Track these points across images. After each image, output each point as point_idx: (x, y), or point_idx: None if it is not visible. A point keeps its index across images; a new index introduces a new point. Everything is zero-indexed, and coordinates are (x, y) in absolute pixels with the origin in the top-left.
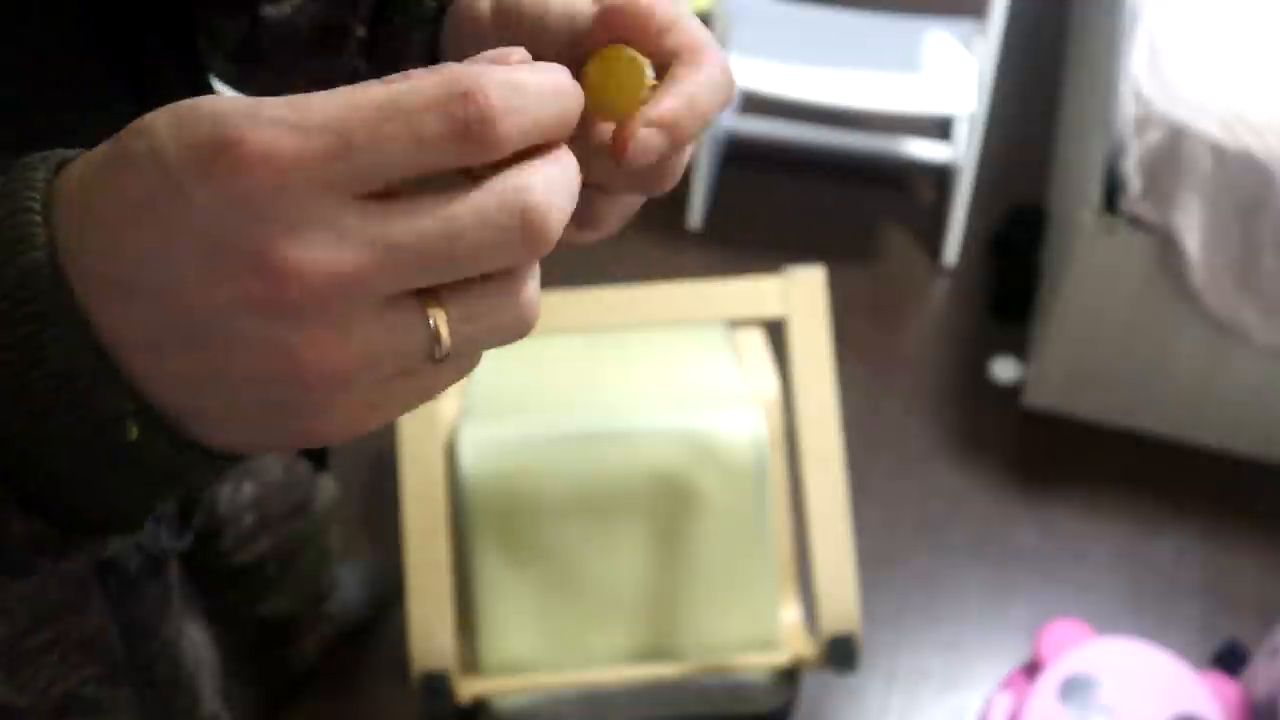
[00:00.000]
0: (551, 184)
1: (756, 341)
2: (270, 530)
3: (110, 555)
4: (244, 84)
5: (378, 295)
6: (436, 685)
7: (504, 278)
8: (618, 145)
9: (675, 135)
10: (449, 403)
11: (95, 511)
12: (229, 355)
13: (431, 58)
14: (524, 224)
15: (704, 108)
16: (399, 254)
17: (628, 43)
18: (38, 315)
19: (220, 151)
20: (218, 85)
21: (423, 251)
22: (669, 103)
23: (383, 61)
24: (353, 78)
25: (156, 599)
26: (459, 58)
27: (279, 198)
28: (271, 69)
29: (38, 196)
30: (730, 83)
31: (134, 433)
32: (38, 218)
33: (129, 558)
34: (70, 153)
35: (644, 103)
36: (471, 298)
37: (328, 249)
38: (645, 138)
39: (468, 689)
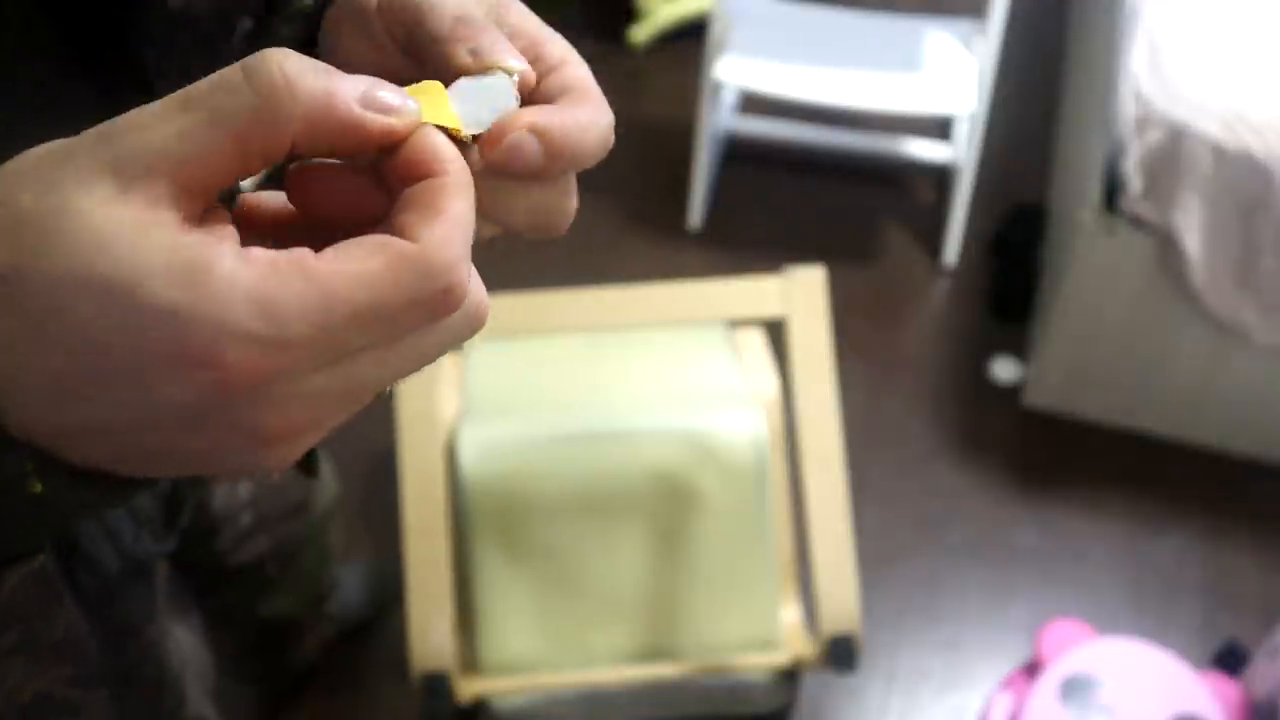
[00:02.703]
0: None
1: (756, 341)
2: (268, 530)
3: (83, 558)
4: (166, 74)
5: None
6: (436, 685)
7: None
8: (488, 143)
9: (548, 145)
10: (449, 403)
11: None
12: (184, 461)
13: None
14: (477, 328)
15: (582, 137)
16: (372, 387)
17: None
18: None
19: (198, 369)
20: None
21: (396, 378)
22: (550, 116)
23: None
24: None
25: (140, 601)
26: (339, 38)
27: (259, 392)
28: (180, 58)
29: None
30: (609, 135)
31: (38, 487)
32: None
33: (107, 561)
34: None
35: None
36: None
37: (304, 409)
38: (519, 140)
39: (468, 689)
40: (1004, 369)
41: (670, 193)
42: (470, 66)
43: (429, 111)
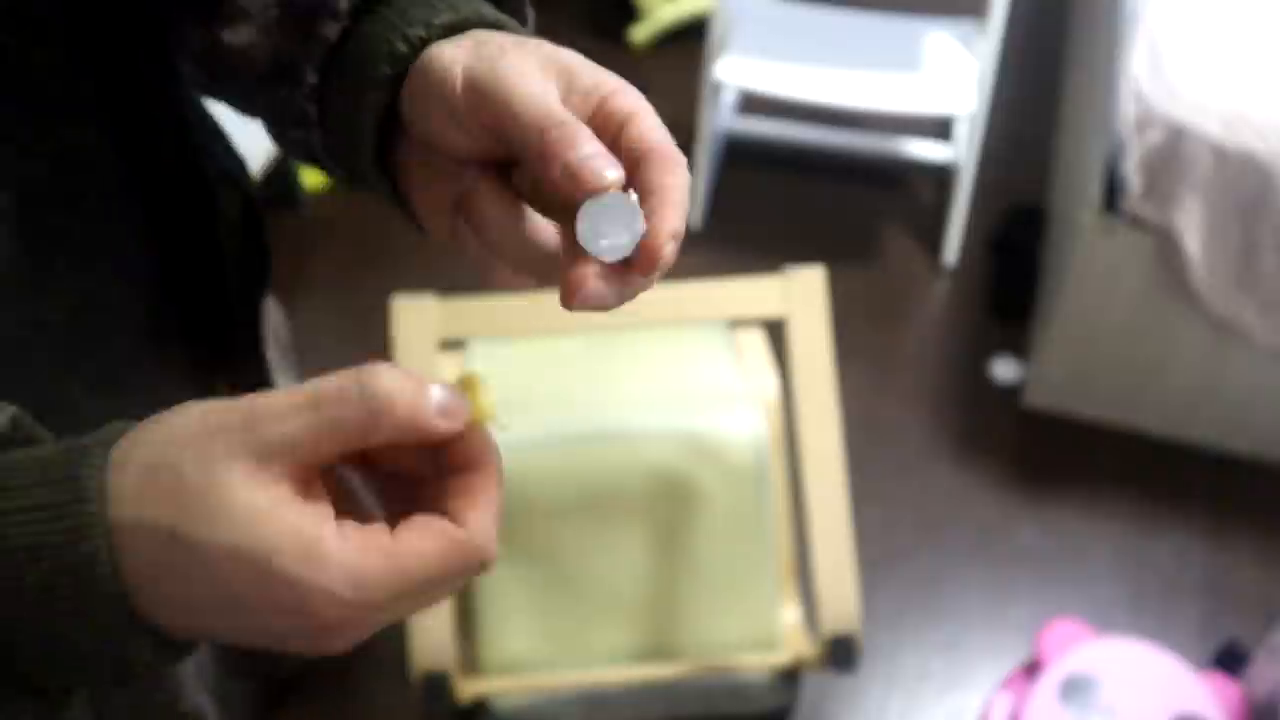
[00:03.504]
0: None
1: (756, 341)
2: None
3: None
4: (210, 93)
5: None
6: (436, 685)
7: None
8: (642, 265)
9: (679, 237)
10: None
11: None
12: (260, 643)
13: (383, 124)
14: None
15: (687, 208)
16: (410, 614)
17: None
18: (86, 596)
19: (306, 618)
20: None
21: (426, 607)
22: (676, 214)
23: (334, 116)
24: (302, 119)
25: None
26: (427, 115)
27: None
28: (234, 91)
29: (93, 487)
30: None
31: (148, 658)
32: (93, 508)
33: None
34: (114, 433)
35: None
36: None
37: (363, 631)
38: (670, 254)
39: (468, 689)
40: (1004, 369)
41: None
42: (568, 190)
43: (475, 407)
